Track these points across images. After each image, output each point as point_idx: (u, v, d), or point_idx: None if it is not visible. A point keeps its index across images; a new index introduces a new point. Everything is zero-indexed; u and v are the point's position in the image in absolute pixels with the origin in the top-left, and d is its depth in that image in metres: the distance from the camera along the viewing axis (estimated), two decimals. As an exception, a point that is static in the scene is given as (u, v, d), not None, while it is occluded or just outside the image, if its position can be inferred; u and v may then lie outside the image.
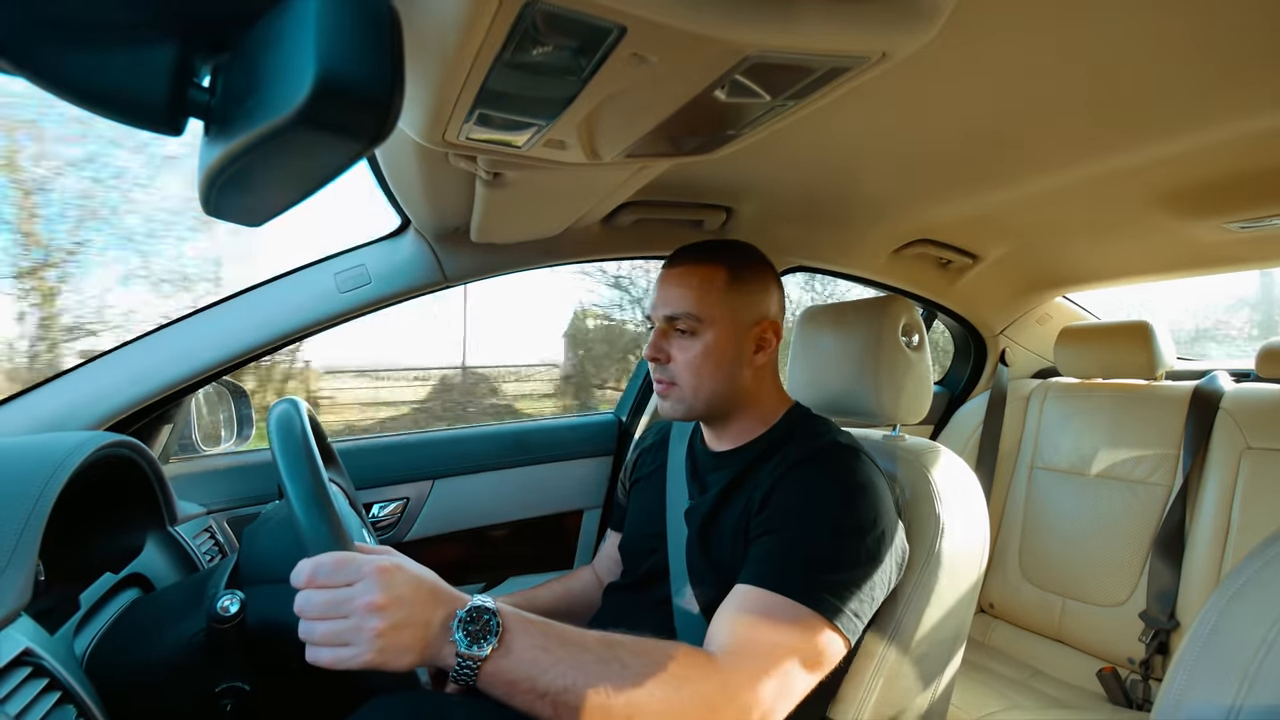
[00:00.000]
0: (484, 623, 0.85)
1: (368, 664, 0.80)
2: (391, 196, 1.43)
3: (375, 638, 0.80)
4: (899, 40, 0.66)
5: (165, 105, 0.46)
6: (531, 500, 2.04)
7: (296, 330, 1.49)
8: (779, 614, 0.98)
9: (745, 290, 1.22)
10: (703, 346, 1.20)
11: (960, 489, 1.25)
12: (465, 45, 0.61)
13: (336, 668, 0.81)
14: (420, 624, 0.84)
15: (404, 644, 0.82)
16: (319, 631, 0.82)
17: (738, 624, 0.99)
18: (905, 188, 1.55)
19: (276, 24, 0.42)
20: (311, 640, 0.82)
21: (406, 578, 0.86)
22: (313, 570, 0.84)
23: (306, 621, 0.83)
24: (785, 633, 0.97)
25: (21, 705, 0.72)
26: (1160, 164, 1.29)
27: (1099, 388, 2.36)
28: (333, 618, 0.82)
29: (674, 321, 1.22)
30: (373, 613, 0.81)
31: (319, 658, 0.82)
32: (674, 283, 1.23)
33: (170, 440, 1.58)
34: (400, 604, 0.84)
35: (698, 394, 1.22)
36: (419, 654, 0.83)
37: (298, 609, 0.83)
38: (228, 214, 0.58)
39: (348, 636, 0.81)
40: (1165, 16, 0.82)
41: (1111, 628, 2.06)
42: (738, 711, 0.90)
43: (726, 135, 0.90)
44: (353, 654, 0.80)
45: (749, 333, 1.22)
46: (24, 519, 0.82)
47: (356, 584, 0.83)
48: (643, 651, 0.91)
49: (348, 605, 0.82)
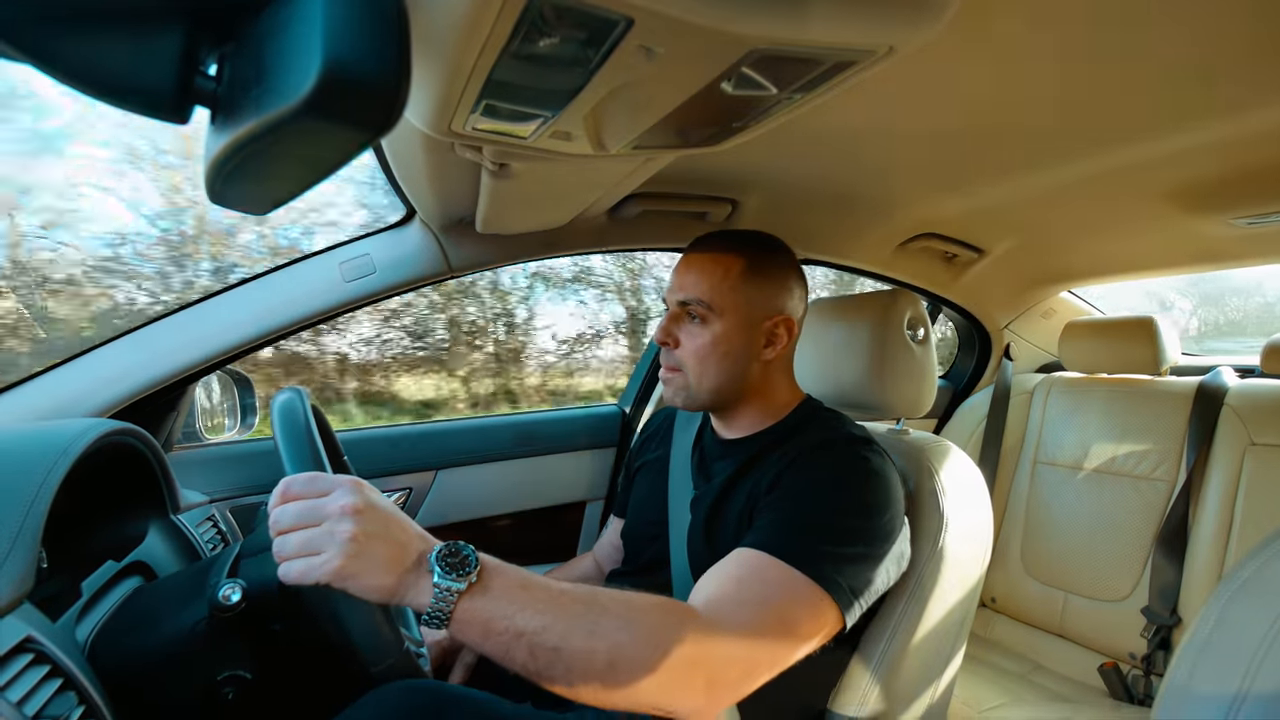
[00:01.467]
0: (462, 557, 0.82)
1: (338, 572, 0.77)
2: (397, 186, 1.42)
3: (348, 541, 0.78)
4: (906, 34, 0.66)
5: (172, 93, 0.46)
6: (534, 491, 2.04)
7: (301, 320, 1.49)
8: (772, 575, 0.96)
9: (762, 284, 1.21)
10: (711, 336, 1.19)
11: (964, 483, 1.25)
12: (472, 36, 0.61)
13: (306, 581, 0.78)
14: (395, 542, 0.82)
15: (377, 558, 0.79)
16: (291, 543, 0.80)
17: (727, 581, 0.97)
18: (911, 182, 1.55)
19: (283, 12, 0.42)
20: (284, 554, 0.80)
21: (381, 498, 0.85)
22: (285, 485, 0.83)
23: (280, 538, 0.81)
24: (776, 593, 0.95)
25: (23, 692, 0.72)
26: (1167, 159, 1.28)
27: (1103, 383, 2.35)
28: (306, 526, 0.80)
29: (686, 306, 1.22)
30: (347, 515, 0.79)
31: (290, 572, 0.79)
32: (692, 268, 1.23)
33: (174, 428, 1.58)
34: (376, 513, 0.82)
35: (701, 383, 1.21)
36: (391, 576, 0.80)
37: (271, 525, 0.81)
38: (234, 202, 0.57)
39: (319, 542, 0.79)
40: (1173, 10, 0.81)
41: (1114, 623, 2.06)
42: (720, 663, 0.88)
43: (733, 128, 0.90)
44: (323, 560, 0.78)
45: (760, 327, 1.21)
46: (26, 506, 0.82)
47: (332, 492, 0.82)
48: (625, 600, 0.89)
49: (322, 510, 0.80)
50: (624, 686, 0.83)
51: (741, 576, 0.97)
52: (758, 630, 0.91)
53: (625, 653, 0.83)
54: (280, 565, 0.80)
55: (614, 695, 0.83)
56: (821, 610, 0.96)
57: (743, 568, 0.98)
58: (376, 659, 0.88)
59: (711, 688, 0.87)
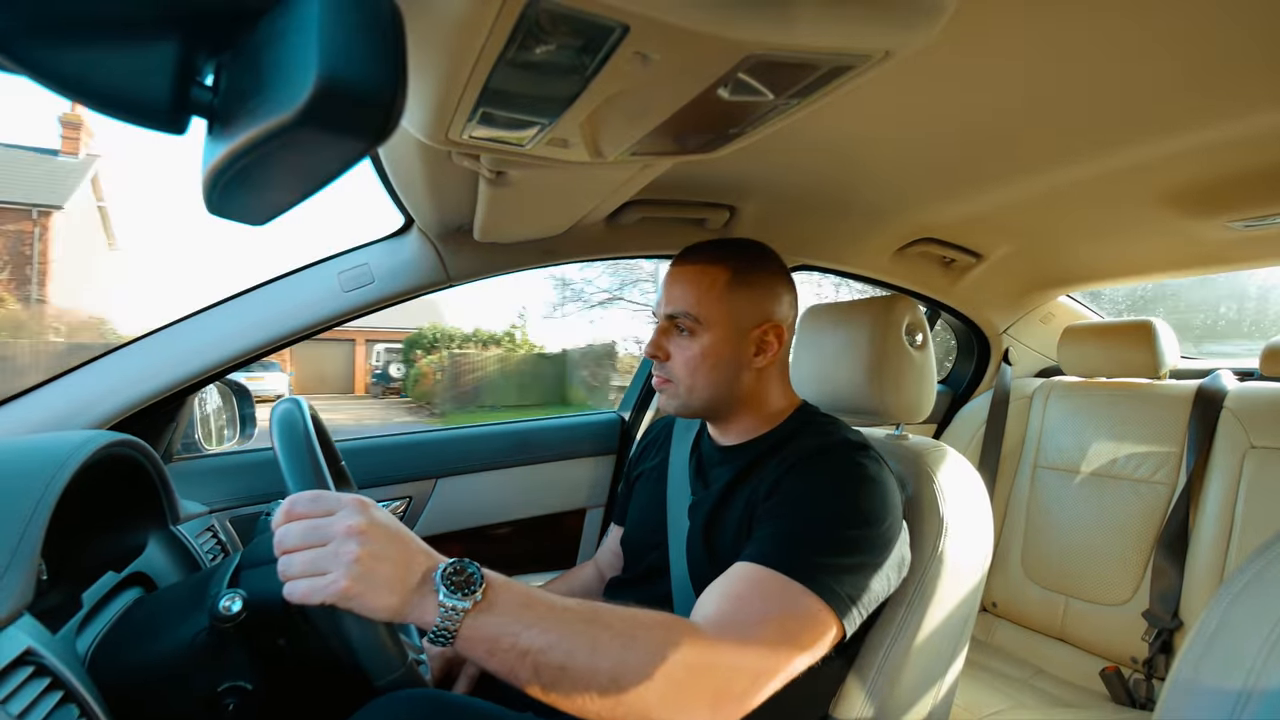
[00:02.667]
0: (467, 575, 0.82)
1: (344, 594, 0.77)
2: (395, 195, 1.42)
3: (353, 563, 0.78)
4: (902, 38, 0.66)
5: (168, 104, 0.46)
6: (534, 499, 2.04)
7: (299, 330, 1.49)
8: (771, 589, 0.96)
9: (748, 292, 1.21)
10: (700, 348, 1.20)
11: (964, 489, 1.25)
12: (468, 44, 0.61)
13: (311, 601, 0.78)
14: (400, 561, 0.82)
15: (382, 578, 0.79)
16: (296, 563, 0.80)
17: (728, 596, 0.97)
18: (908, 187, 1.55)
19: (279, 22, 0.42)
20: (289, 574, 0.80)
21: (386, 516, 0.85)
22: (290, 504, 0.82)
23: (285, 557, 0.81)
24: (776, 607, 0.94)
25: (24, 705, 0.72)
26: (1164, 162, 1.29)
27: (1102, 387, 2.35)
28: (311, 546, 0.80)
29: (674, 319, 1.22)
30: (352, 536, 0.79)
31: (295, 591, 0.79)
32: (678, 280, 1.23)
33: (173, 439, 1.58)
34: (380, 533, 0.82)
35: (693, 393, 1.22)
36: (396, 596, 0.80)
37: (276, 544, 0.81)
38: (231, 213, 0.57)
39: (325, 563, 0.79)
40: (1170, 14, 0.81)
41: (1115, 627, 2.06)
42: (723, 679, 0.88)
43: (730, 134, 0.90)
44: (329, 581, 0.78)
45: (749, 335, 1.21)
46: (26, 518, 0.81)
47: (337, 512, 0.82)
48: (628, 616, 0.89)
49: (327, 530, 0.80)
50: (629, 704, 0.83)
51: (742, 592, 0.97)
52: (760, 644, 0.91)
53: (629, 670, 0.83)
54: (285, 585, 0.80)
55: (619, 712, 0.83)
56: (822, 621, 0.96)
57: (743, 582, 0.98)
58: (381, 674, 0.87)
59: (717, 703, 0.87)
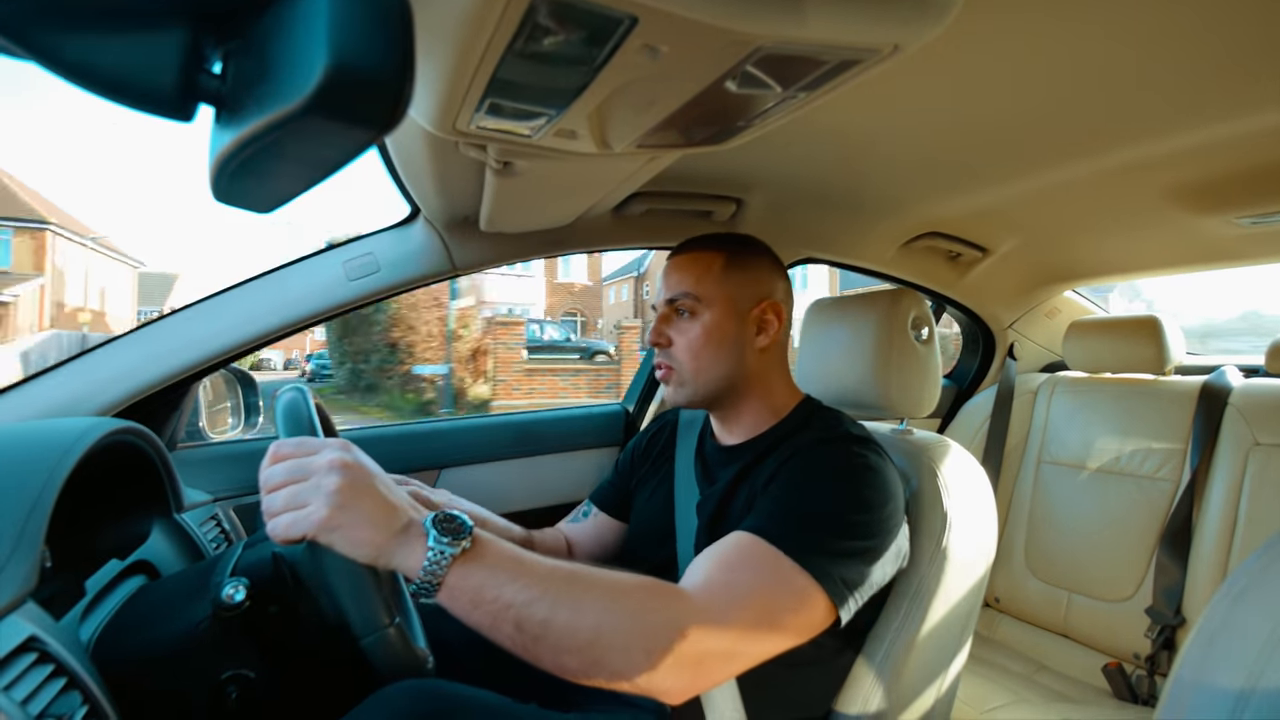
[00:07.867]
0: (457, 524, 0.83)
1: (324, 524, 0.78)
2: (401, 185, 1.42)
3: (334, 493, 0.78)
4: (910, 33, 0.66)
5: (176, 92, 0.45)
6: (538, 490, 2.04)
7: (304, 318, 1.49)
8: (764, 561, 0.95)
9: (743, 274, 1.23)
10: (701, 327, 1.21)
11: (968, 483, 1.25)
12: (476, 34, 0.61)
13: (293, 534, 0.78)
14: (383, 500, 0.82)
15: (363, 512, 0.80)
16: (279, 499, 0.80)
17: (718, 563, 0.96)
18: (915, 180, 1.55)
19: (288, 10, 0.41)
20: (271, 511, 0.80)
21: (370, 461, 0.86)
22: (276, 447, 0.83)
23: (269, 496, 0.81)
24: (766, 579, 0.94)
25: (27, 692, 0.72)
26: (1171, 158, 1.28)
27: (1107, 382, 2.35)
28: (294, 482, 0.80)
29: (674, 303, 1.24)
30: (334, 469, 0.80)
31: (275, 528, 0.79)
32: (675, 269, 1.26)
33: (178, 427, 1.58)
34: (362, 471, 0.82)
35: (698, 377, 1.22)
36: (379, 534, 0.80)
37: (261, 483, 0.82)
38: (238, 200, 0.57)
39: (306, 495, 0.79)
40: (1177, 10, 0.81)
41: (1117, 623, 2.06)
42: (704, 645, 0.87)
43: (737, 126, 0.90)
44: (309, 512, 0.78)
45: (748, 314, 1.23)
46: (30, 505, 0.81)
47: (322, 450, 0.82)
48: (611, 578, 0.89)
49: (309, 466, 0.81)
50: (605, 664, 0.83)
51: (733, 561, 0.96)
52: (744, 615, 0.90)
53: (610, 630, 0.84)
54: (268, 524, 0.80)
55: (595, 672, 0.84)
56: (811, 599, 0.95)
57: (736, 551, 0.97)
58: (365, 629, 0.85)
59: (695, 669, 0.87)
